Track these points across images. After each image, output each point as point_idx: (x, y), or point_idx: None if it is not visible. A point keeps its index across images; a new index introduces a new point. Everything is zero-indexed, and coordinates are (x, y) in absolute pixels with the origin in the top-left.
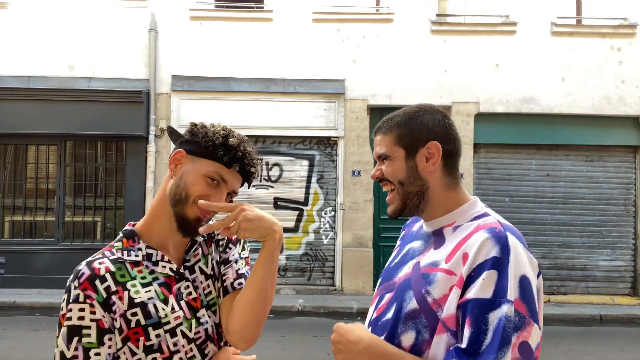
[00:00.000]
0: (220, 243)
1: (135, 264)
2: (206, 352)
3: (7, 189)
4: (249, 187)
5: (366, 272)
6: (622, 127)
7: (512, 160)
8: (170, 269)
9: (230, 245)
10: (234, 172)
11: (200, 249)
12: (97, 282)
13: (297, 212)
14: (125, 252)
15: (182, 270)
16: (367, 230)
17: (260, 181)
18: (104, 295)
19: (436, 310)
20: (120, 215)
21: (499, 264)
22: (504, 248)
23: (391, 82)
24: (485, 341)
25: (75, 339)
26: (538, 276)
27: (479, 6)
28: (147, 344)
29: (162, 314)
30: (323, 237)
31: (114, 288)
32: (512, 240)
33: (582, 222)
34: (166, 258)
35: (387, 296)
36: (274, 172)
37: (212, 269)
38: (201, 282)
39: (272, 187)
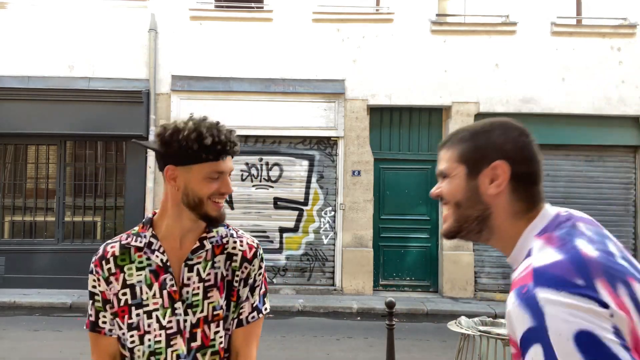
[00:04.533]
0: (234, 258)
1: (139, 249)
2: (172, 343)
3: (7, 189)
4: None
5: (366, 272)
6: (622, 127)
7: None
8: (161, 260)
9: (246, 264)
10: (226, 159)
11: (205, 253)
12: (104, 263)
13: (297, 212)
14: (134, 238)
15: (183, 265)
16: (367, 230)
17: (260, 181)
18: (107, 274)
19: None
20: (120, 215)
21: (536, 335)
22: (536, 312)
23: (391, 82)
24: None
25: (91, 301)
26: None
27: (479, 6)
28: (129, 321)
29: (144, 296)
30: (323, 237)
31: (113, 270)
32: (545, 294)
33: None
34: (162, 249)
35: None
36: (274, 172)
37: (212, 275)
38: (193, 282)
39: (272, 187)
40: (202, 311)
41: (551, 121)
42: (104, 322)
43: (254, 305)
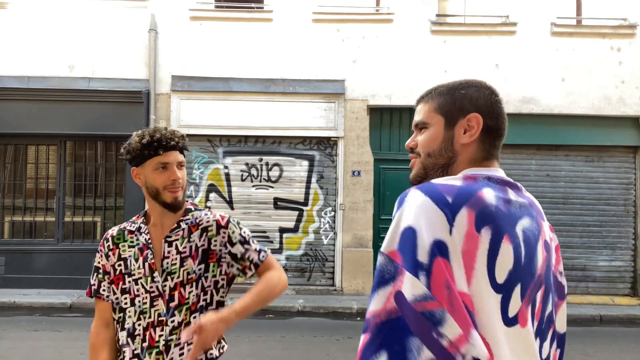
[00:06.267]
0: (210, 229)
1: (131, 232)
2: (155, 303)
3: (7, 189)
4: (188, 151)
5: (366, 272)
6: (622, 127)
7: (512, 160)
8: (145, 239)
9: (223, 229)
10: (167, 153)
11: (182, 231)
12: (105, 242)
13: (297, 212)
14: (130, 224)
15: (163, 241)
16: (367, 231)
17: (260, 181)
18: (107, 250)
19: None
20: (120, 215)
21: (392, 220)
22: (399, 205)
23: (391, 82)
24: None
25: (95, 274)
26: (453, 231)
27: (479, 6)
28: (123, 287)
29: (132, 267)
30: (323, 237)
31: (111, 247)
32: (412, 196)
33: (582, 222)
34: (147, 232)
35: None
36: (274, 172)
37: (187, 248)
38: (172, 255)
39: (272, 187)
40: (178, 277)
41: (551, 121)
42: (104, 290)
43: (258, 249)
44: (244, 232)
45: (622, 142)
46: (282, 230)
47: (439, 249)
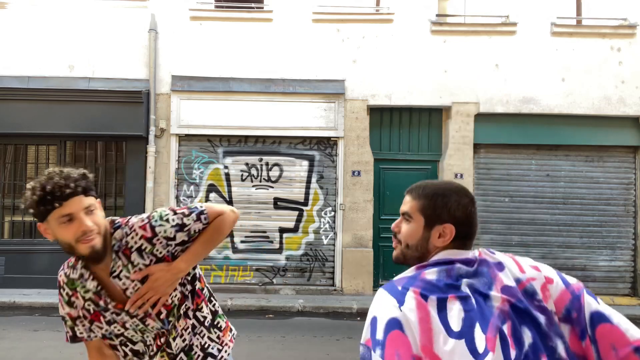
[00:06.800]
0: (144, 247)
1: (77, 279)
2: (147, 323)
3: (7, 189)
4: (87, 193)
5: (366, 273)
6: (622, 127)
7: (512, 160)
8: (94, 287)
9: (155, 238)
10: (67, 203)
11: (120, 261)
12: (62, 290)
13: (297, 212)
14: (71, 270)
15: (111, 279)
16: (367, 231)
17: (260, 181)
18: (67, 298)
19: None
20: (120, 215)
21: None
22: (372, 302)
23: (391, 82)
24: None
25: (63, 322)
26: (402, 308)
27: (479, 6)
28: (106, 319)
29: (104, 304)
30: (323, 237)
31: (70, 292)
32: (377, 294)
33: (582, 222)
34: (92, 277)
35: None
36: (274, 172)
37: (139, 269)
38: (129, 284)
39: (272, 187)
40: None
41: (551, 121)
42: (81, 333)
43: (196, 218)
44: (174, 221)
45: (622, 142)
46: (282, 230)
47: (392, 324)
